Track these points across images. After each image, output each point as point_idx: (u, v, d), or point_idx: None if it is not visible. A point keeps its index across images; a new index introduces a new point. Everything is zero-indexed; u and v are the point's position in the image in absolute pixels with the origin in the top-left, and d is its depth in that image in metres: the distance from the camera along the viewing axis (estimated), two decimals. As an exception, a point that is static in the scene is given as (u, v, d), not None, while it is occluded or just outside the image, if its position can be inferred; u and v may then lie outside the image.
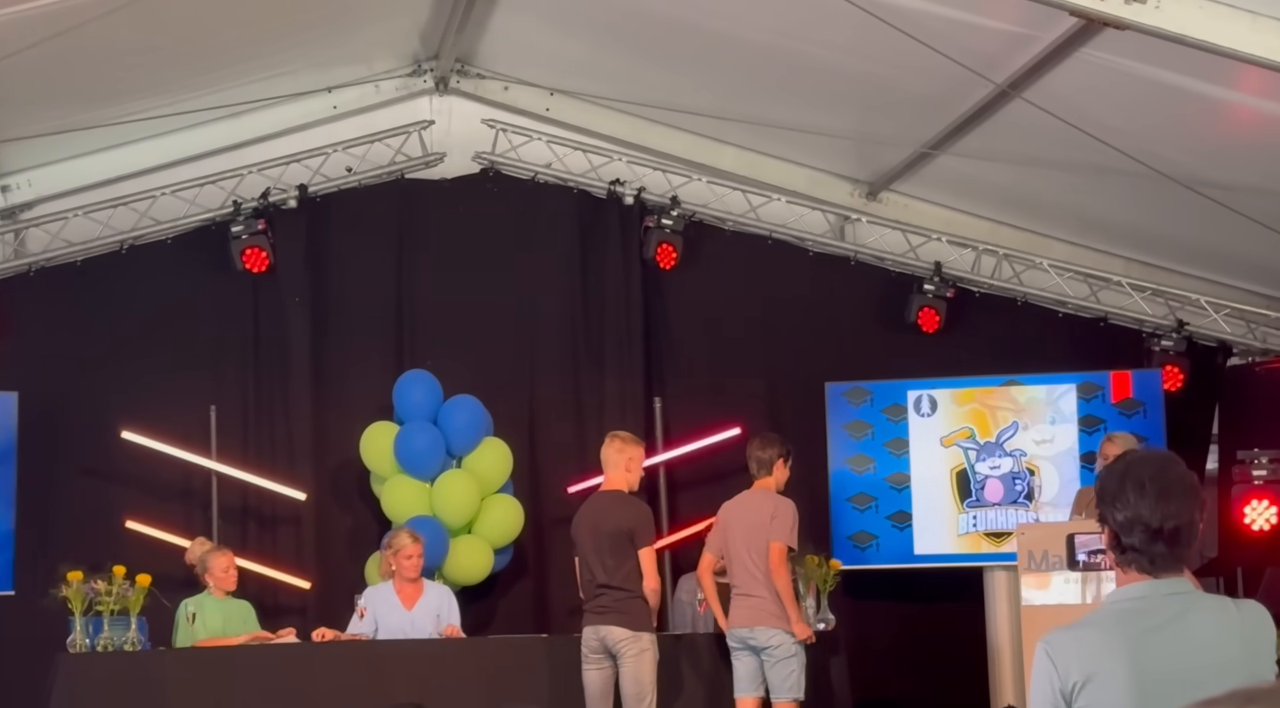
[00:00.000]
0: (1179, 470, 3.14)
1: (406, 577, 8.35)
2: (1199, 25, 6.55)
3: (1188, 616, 3.09)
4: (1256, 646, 3.11)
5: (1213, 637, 3.08)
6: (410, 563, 8.32)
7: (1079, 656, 3.09)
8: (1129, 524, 3.07)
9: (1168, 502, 3.06)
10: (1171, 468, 3.15)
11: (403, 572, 8.34)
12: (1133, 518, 3.07)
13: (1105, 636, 3.10)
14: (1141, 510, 3.06)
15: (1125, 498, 3.08)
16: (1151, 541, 3.05)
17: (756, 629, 7.64)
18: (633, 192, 10.21)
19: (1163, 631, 3.07)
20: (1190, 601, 3.11)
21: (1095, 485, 3.21)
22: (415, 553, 8.33)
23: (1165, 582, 3.10)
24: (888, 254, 10.42)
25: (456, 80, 10.02)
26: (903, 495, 9.90)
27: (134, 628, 7.91)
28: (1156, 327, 10.36)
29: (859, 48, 8.28)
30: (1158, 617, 3.09)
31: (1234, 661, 3.07)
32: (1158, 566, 3.08)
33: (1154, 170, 8.25)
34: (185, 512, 9.55)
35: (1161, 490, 3.08)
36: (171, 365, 9.65)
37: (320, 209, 9.97)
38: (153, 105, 9.03)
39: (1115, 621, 3.12)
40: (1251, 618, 3.14)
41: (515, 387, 10.02)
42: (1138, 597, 3.11)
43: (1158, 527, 3.05)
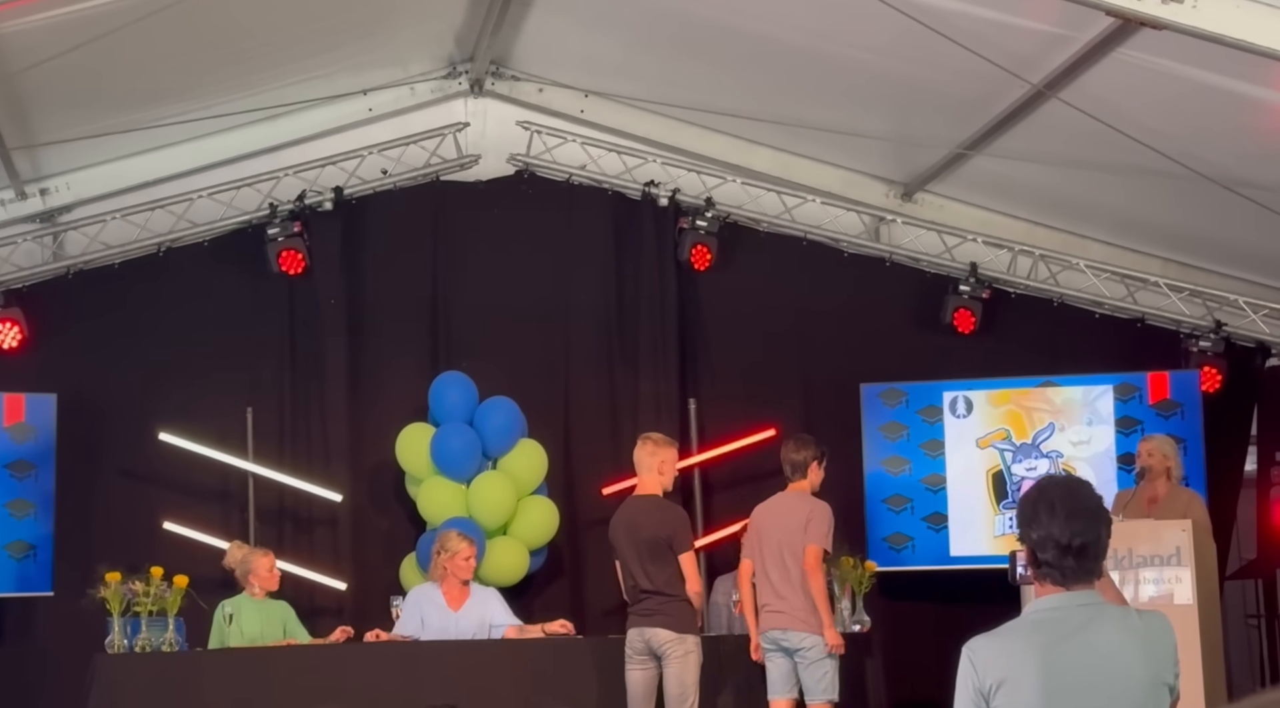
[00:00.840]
0: (1086, 493, 3.54)
1: (461, 579, 8.32)
2: (1237, 24, 6.51)
3: (1095, 625, 3.47)
4: (1157, 651, 3.51)
5: (1116, 644, 3.46)
6: (467, 565, 8.29)
7: (996, 660, 3.50)
8: (1042, 542, 3.47)
9: (1075, 521, 3.45)
10: (1079, 491, 3.55)
11: (458, 574, 8.29)
12: (1045, 536, 3.46)
13: (1020, 642, 3.50)
14: (1052, 529, 3.45)
15: (1039, 519, 3.47)
16: (1062, 555, 3.45)
17: (789, 632, 7.63)
18: (667, 193, 10.21)
19: (1073, 638, 3.45)
20: (1098, 611, 3.50)
21: (1016, 509, 3.60)
22: (471, 554, 8.31)
23: (1077, 594, 3.49)
24: (923, 255, 10.39)
25: (491, 82, 10.04)
26: (938, 497, 9.87)
27: (171, 629, 7.96)
28: (1194, 327, 10.30)
29: (894, 48, 8.26)
30: (1069, 626, 3.47)
31: (1135, 665, 3.48)
32: (1069, 578, 3.48)
33: (1191, 170, 8.21)
34: (222, 513, 9.60)
35: (1070, 511, 3.47)
36: (208, 368, 9.69)
37: (356, 211, 10.00)
38: (189, 108, 9.07)
39: (1031, 629, 3.52)
40: (1153, 627, 3.54)
41: (550, 388, 10.03)
42: (1052, 608, 3.51)
43: (1067, 543, 3.44)
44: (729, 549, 9.50)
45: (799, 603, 7.63)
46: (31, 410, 9.25)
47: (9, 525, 9.16)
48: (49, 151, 9.17)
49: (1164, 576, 7.53)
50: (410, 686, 7.76)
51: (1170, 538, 7.56)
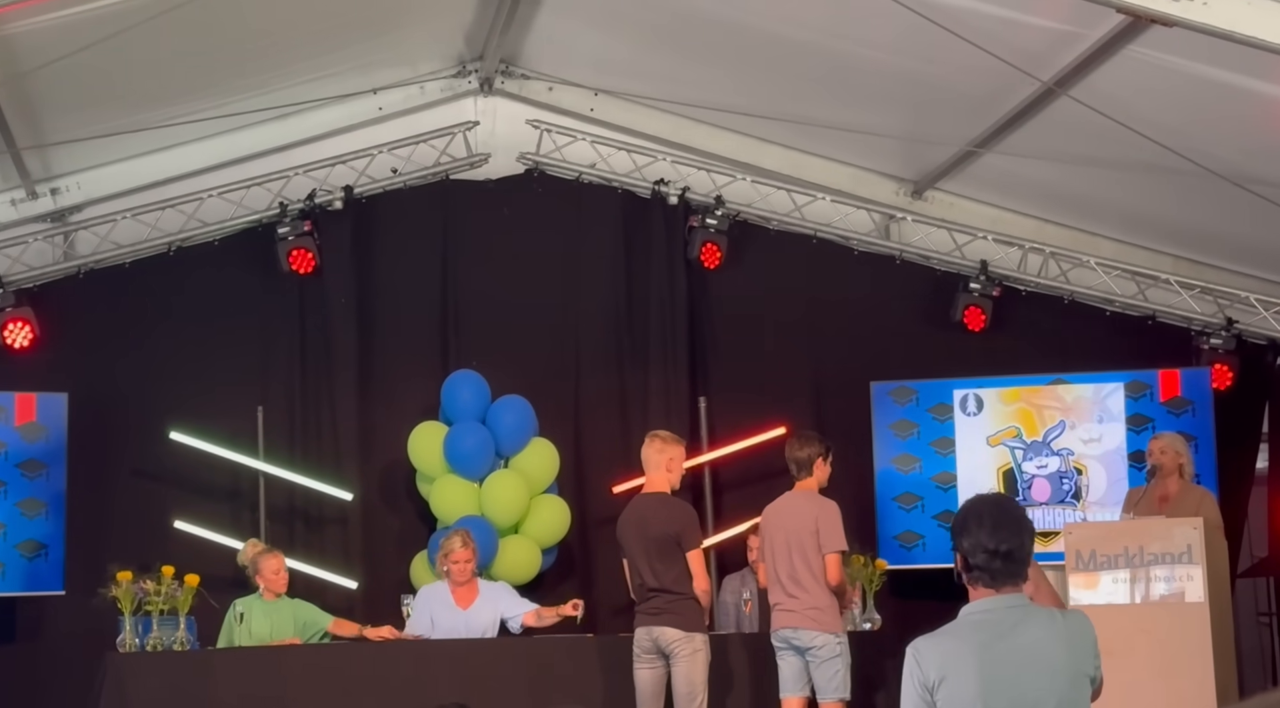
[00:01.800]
0: (1010, 506, 4.10)
1: (457, 580, 8.41)
2: (1248, 21, 6.50)
3: (1024, 625, 3.94)
4: (1078, 648, 3.96)
5: (1043, 642, 3.93)
6: (459, 568, 8.38)
7: (937, 658, 3.98)
8: (973, 549, 3.95)
9: (1001, 530, 3.93)
10: (1004, 505, 4.09)
11: (454, 576, 8.40)
12: (975, 543, 3.95)
13: (958, 642, 3.98)
14: (980, 537, 3.94)
15: (969, 529, 3.96)
16: (990, 560, 3.93)
17: (800, 631, 7.62)
18: (677, 191, 10.21)
19: (1005, 638, 3.93)
20: (1026, 613, 3.98)
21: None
22: (464, 558, 8.39)
23: (1006, 597, 3.97)
24: (933, 253, 10.38)
25: (501, 81, 10.04)
26: (949, 495, 9.86)
27: (183, 628, 7.97)
28: (1205, 325, 10.28)
29: (904, 46, 8.26)
30: (1001, 627, 3.94)
31: (1060, 660, 3.94)
32: (998, 581, 3.96)
33: (1202, 167, 8.19)
34: (233, 512, 9.61)
35: (995, 522, 3.96)
36: (219, 367, 9.70)
37: (366, 210, 10.01)
38: (199, 108, 9.09)
39: (968, 630, 4.00)
40: (1074, 626, 4.00)
41: (560, 387, 10.03)
42: (985, 610, 3.98)
43: (994, 549, 3.92)
44: (739, 548, 9.50)
45: (809, 602, 7.62)
46: (43, 410, 9.27)
47: (20, 525, 9.17)
48: (59, 151, 9.19)
49: (1175, 573, 7.52)
50: (421, 684, 7.77)
51: (1181, 536, 7.55)
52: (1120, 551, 7.61)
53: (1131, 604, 7.55)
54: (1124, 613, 7.55)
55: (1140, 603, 7.54)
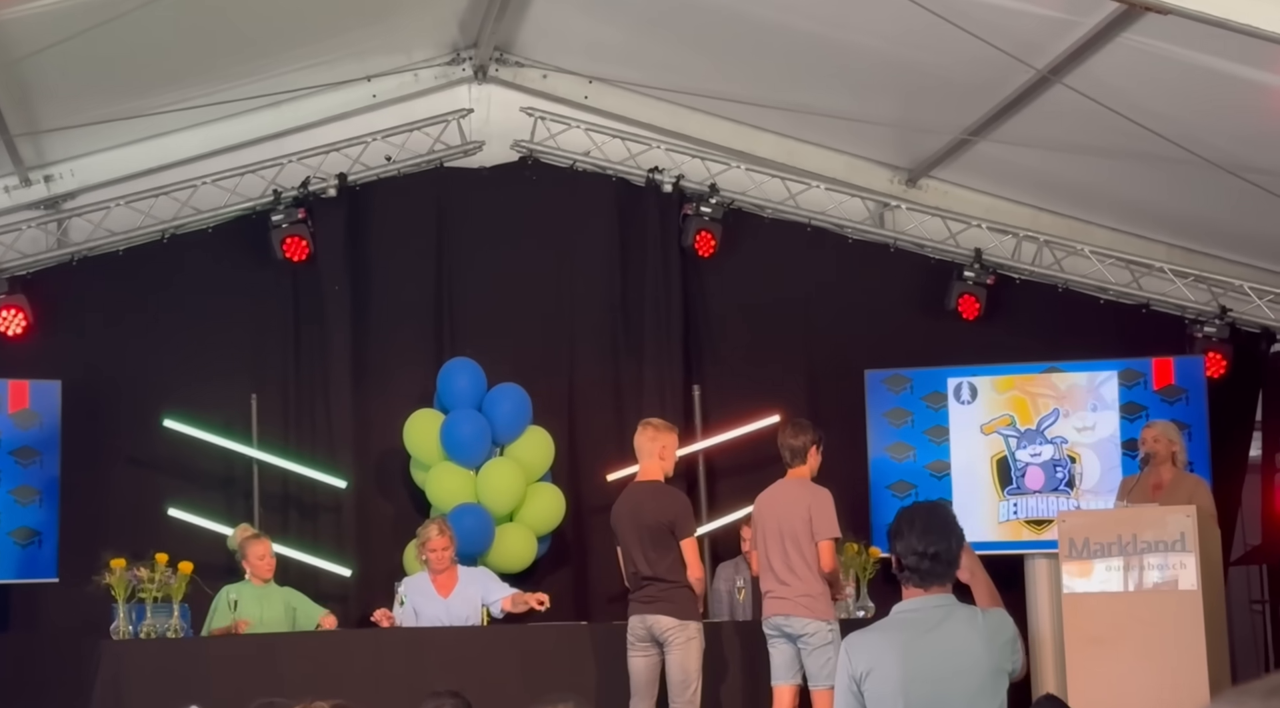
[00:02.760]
0: (941, 511, 4.48)
1: (435, 569, 8.43)
2: (1242, 9, 6.49)
3: (947, 623, 4.30)
4: (997, 644, 4.30)
5: (963, 638, 4.29)
6: (435, 556, 8.40)
7: (865, 653, 4.36)
8: (904, 550, 4.31)
9: (929, 534, 4.30)
10: (935, 510, 4.51)
11: (432, 564, 8.42)
12: (906, 546, 4.31)
13: (885, 638, 4.39)
14: (911, 541, 4.31)
15: (902, 532, 4.34)
16: (919, 561, 4.29)
17: (792, 618, 7.63)
18: (671, 179, 10.20)
19: (928, 635, 4.28)
20: (949, 612, 4.33)
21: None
22: (441, 546, 8.41)
23: (933, 596, 4.32)
24: (927, 241, 10.38)
25: (495, 68, 10.03)
26: (943, 483, 9.87)
27: (176, 615, 7.97)
28: (1199, 313, 10.29)
29: (898, 34, 8.24)
30: (926, 625, 4.30)
31: (979, 655, 4.28)
32: (926, 580, 4.32)
33: (1197, 156, 8.19)
34: (227, 499, 9.61)
35: (925, 526, 4.33)
36: (213, 354, 9.70)
37: (360, 198, 10.00)
38: (193, 95, 9.07)
39: (894, 627, 4.39)
40: (992, 623, 4.35)
41: (554, 374, 10.03)
42: (913, 609, 4.35)
43: (922, 551, 4.28)
44: (732, 536, 9.51)
45: (801, 590, 7.63)
46: (36, 397, 9.26)
47: (14, 512, 9.17)
48: (53, 138, 9.17)
49: (1168, 561, 7.53)
50: (414, 672, 7.77)
51: (1174, 524, 7.55)
52: (1114, 538, 7.61)
53: (1125, 592, 7.56)
54: (1117, 601, 7.56)
55: (1134, 591, 7.55)
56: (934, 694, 4.28)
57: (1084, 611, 7.62)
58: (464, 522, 9.02)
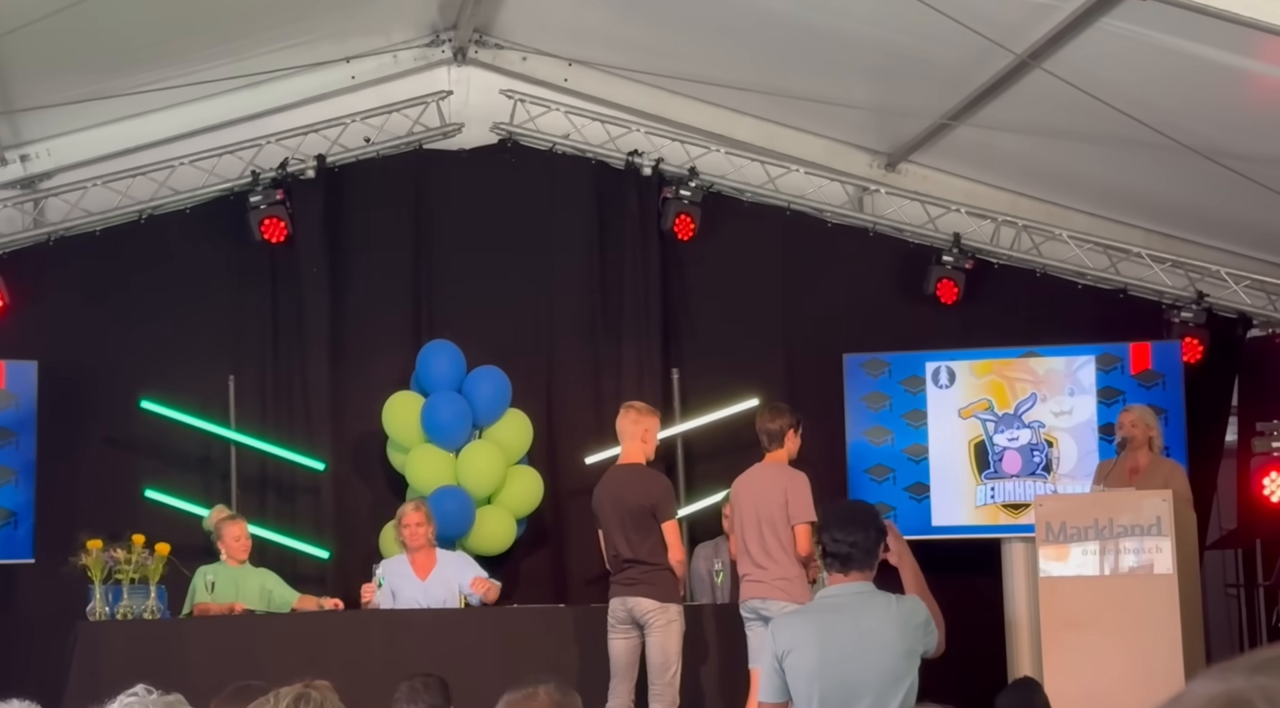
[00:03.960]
0: (861, 508, 5.13)
1: (411, 546, 8.42)
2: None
3: (864, 609, 4.81)
4: (908, 627, 4.78)
5: (878, 622, 4.78)
6: (408, 531, 8.39)
7: (787, 634, 4.91)
8: (828, 540, 4.87)
9: (848, 526, 4.86)
10: (857, 507, 5.26)
11: (406, 541, 8.40)
12: (830, 536, 4.88)
13: (806, 621, 5.01)
14: (834, 531, 4.88)
15: (828, 525, 4.95)
16: (839, 548, 4.84)
17: (770, 601, 7.64)
18: (651, 162, 10.18)
19: (846, 619, 4.80)
20: (868, 598, 4.84)
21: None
22: (413, 522, 8.40)
23: (853, 584, 4.85)
24: (906, 225, 10.39)
25: (474, 50, 10.00)
26: (920, 467, 9.89)
27: (153, 596, 7.97)
28: (1176, 298, 10.32)
29: (878, 18, 8.24)
30: (845, 610, 4.83)
31: (892, 638, 4.77)
32: (846, 567, 4.86)
33: (1174, 141, 8.21)
34: (204, 481, 9.59)
35: (846, 519, 4.92)
36: (190, 335, 9.67)
37: (338, 179, 9.97)
38: (171, 75, 9.03)
39: (816, 611, 4.99)
40: (905, 609, 4.83)
41: (533, 357, 10.02)
42: (834, 594, 4.90)
43: (842, 540, 4.84)
44: (711, 518, 9.52)
45: (778, 573, 7.64)
46: (12, 378, 9.22)
47: (-10, 493, 9.14)
48: (29, 117, 9.12)
49: (1144, 545, 7.56)
50: (393, 655, 7.77)
51: (1151, 508, 7.58)
52: (1090, 522, 7.64)
53: (1101, 576, 7.59)
54: (1094, 585, 7.59)
55: (1110, 575, 7.58)
56: (847, 672, 4.78)
57: (1060, 594, 7.65)
58: (445, 504, 9.01)
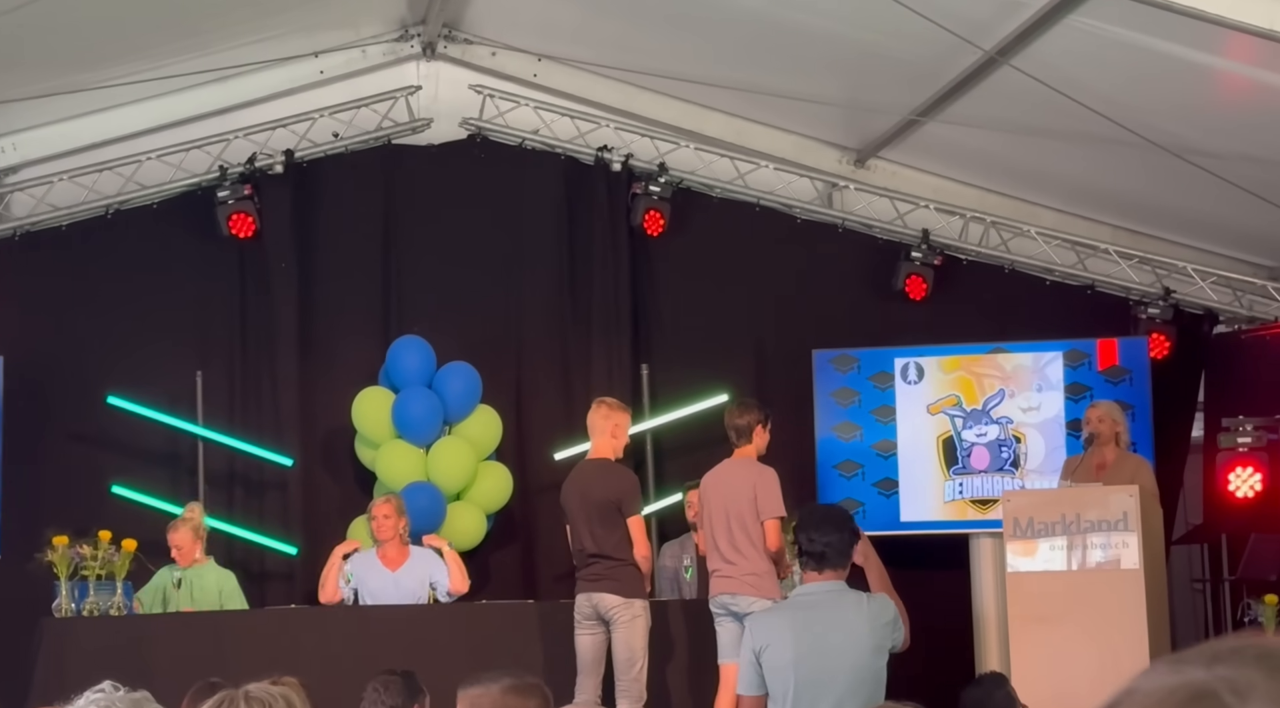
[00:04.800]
0: (836, 511, 5.62)
1: (380, 538, 8.38)
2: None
3: (836, 606, 5.22)
4: (878, 625, 5.20)
5: (850, 619, 5.20)
6: (376, 524, 8.36)
7: (764, 630, 5.32)
8: (804, 540, 5.27)
9: (822, 527, 5.27)
10: (832, 510, 5.77)
11: (376, 533, 8.37)
12: (805, 536, 5.28)
13: (781, 618, 5.39)
14: (810, 532, 5.28)
15: (804, 526, 5.33)
16: (813, 546, 5.25)
17: (739, 596, 7.64)
18: (620, 158, 10.18)
19: (819, 616, 5.21)
20: (840, 596, 5.25)
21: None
22: (381, 514, 8.38)
23: (827, 582, 5.25)
24: (875, 221, 10.41)
25: (444, 45, 9.97)
26: (889, 463, 9.91)
27: (119, 593, 7.93)
28: (1143, 294, 10.37)
29: (847, 14, 8.25)
30: (818, 607, 5.23)
31: (862, 634, 5.18)
32: (820, 565, 5.25)
33: (1142, 138, 8.24)
34: (171, 477, 9.56)
35: (821, 521, 5.33)
36: (157, 331, 9.63)
37: (307, 174, 9.94)
38: (138, 69, 8.98)
39: (790, 608, 5.41)
40: (874, 606, 5.26)
41: (502, 353, 10.01)
42: (808, 593, 5.30)
43: (817, 540, 5.24)
44: (680, 514, 9.52)
45: (747, 569, 7.64)
46: (-22, 373, 9.16)
47: (-45, 489, 9.08)
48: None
49: (1111, 540, 7.59)
50: (362, 651, 7.75)
51: (1118, 503, 7.62)
52: (1058, 518, 7.67)
53: (1068, 571, 7.62)
54: (1061, 580, 7.62)
55: (1077, 570, 7.61)
56: (821, 666, 5.15)
57: (1028, 589, 7.68)
58: (416, 500, 8.99)
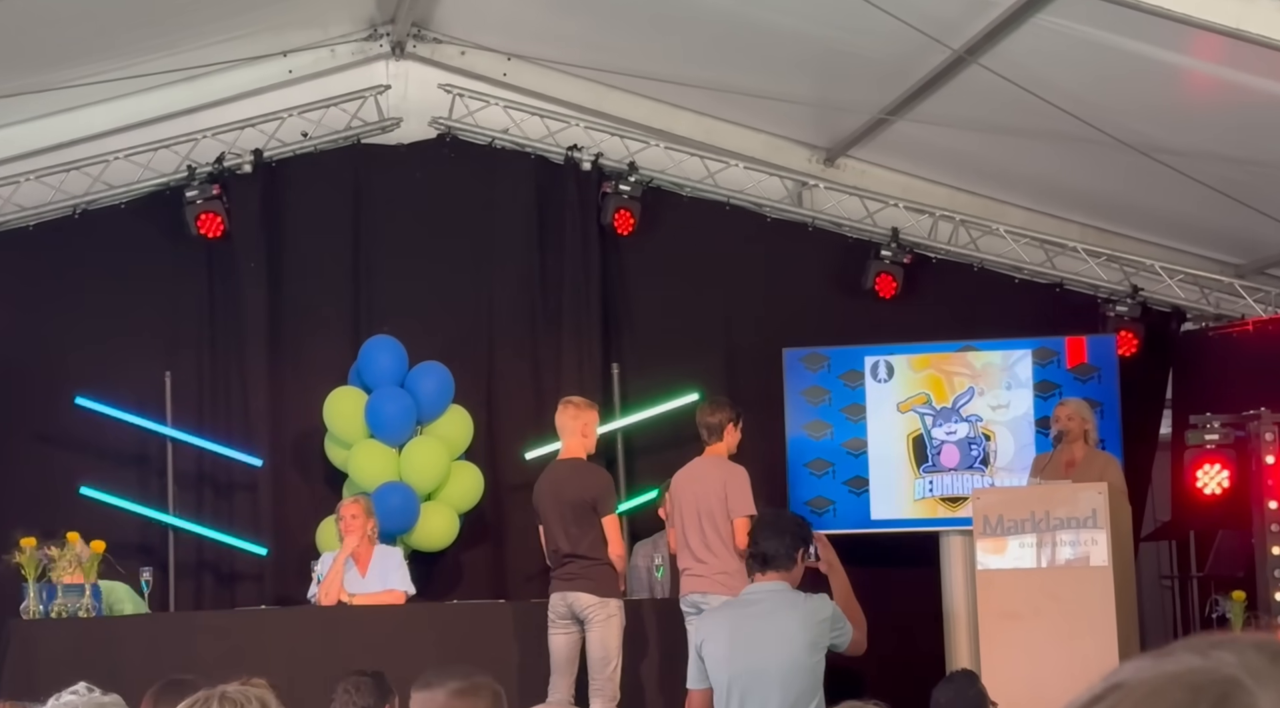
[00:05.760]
0: (784, 518, 6.34)
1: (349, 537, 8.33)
2: (1154, -9, 6.57)
3: (775, 604, 5.78)
4: (811, 622, 5.75)
5: (785, 616, 5.74)
6: (344, 524, 8.32)
7: (705, 627, 6.03)
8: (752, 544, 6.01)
9: (768, 533, 5.95)
10: (780, 516, 6.51)
11: (344, 533, 8.33)
12: (751, 541, 6.02)
13: (721, 615, 6.11)
14: (758, 538, 5.99)
15: (753, 530, 6.15)
16: (758, 551, 5.92)
17: (710, 595, 7.65)
18: (590, 157, 10.17)
19: (756, 615, 5.79)
20: (780, 595, 5.82)
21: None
22: (349, 514, 8.34)
23: (769, 583, 5.85)
24: (845, 220, 10.43)
25: (413, 45, 9.95)
26: (859, 461, 9.93)
27: (88, 594, 7.89)
28: (1111, 292, 10.41)
29: (817, 13, 8.27)
30: (758, 606, 5.82)
31: (795, 631, 5.73)
32: (764, 568, 5.87)
33: (1110, 136, 8.28)
34: (140, 478, 9.52)
35: (766, 526, 6.06)
36: (126, 331, 9.59)
37: (276, 174, 9.91)
38: (106, 69, 8.94)
39: (733, 606, 6.12)
40: (810, 605, 5.82)
41: (473, 352, 10.00)
42: (752, 592, 5.93)
43: (760, 545, 5.92)
44: (650, 513, 9.52)
45: (718, 567, 7.66)
46: (-56, 375, 9.11)
47: (-78, 491, 9.02)
48: (-40, 112, 9.02)
49: (1080, 538, 7.62)
50: (332, 652, 7.73)
51: (1086, 501, 7.65)
52: (1027, 515, 7.70)
53: (1038, 568, 7.65)
54: (1030, 577, 7.64)
55: (1046, 567, 7.64)
56: (754, 660, 5.69)
57: (998, 587, 7.71)
58: (390, 500, 8.97)
